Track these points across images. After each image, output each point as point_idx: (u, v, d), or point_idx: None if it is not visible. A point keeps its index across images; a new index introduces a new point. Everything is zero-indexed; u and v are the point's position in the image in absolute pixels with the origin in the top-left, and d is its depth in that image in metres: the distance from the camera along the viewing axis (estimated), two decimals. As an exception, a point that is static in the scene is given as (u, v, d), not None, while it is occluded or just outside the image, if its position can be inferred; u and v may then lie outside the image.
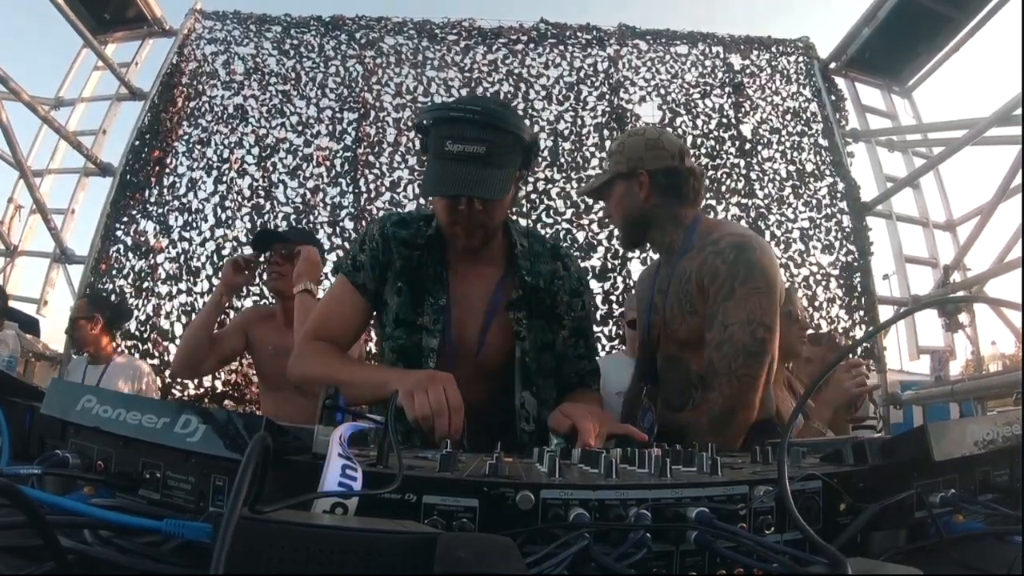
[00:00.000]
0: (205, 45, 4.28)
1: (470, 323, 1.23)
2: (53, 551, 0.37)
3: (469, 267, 1.25)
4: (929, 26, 3.92)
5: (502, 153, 1.08)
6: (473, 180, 1.06)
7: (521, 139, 1.11)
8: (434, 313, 1.20)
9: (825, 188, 4.11)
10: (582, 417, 0.98)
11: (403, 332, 1.21)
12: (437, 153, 1.08)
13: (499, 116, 1.08)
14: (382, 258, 1.23)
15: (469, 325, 1.23)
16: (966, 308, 3.61)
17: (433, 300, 1.21)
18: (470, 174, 1.05)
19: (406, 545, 0.36)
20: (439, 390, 0.95)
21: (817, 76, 4.39)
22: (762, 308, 1.23)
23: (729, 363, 1.22)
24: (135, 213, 3.79)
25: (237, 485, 0.33)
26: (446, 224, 1.17)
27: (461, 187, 1.07)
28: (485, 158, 1.05)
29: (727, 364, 1.22)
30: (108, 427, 0.55)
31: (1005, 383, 3.06)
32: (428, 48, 4.27)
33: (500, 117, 1.08)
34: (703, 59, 4.38)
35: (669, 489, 0.50)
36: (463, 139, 1.05)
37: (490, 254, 1.26)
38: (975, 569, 0.51)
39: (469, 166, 1.05)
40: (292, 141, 3.98)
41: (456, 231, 1.17)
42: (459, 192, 1.09)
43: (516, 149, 1.11)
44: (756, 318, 1.22)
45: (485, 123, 1.06)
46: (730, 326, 1.23)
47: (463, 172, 1.05)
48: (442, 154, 1.07)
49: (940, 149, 3.87)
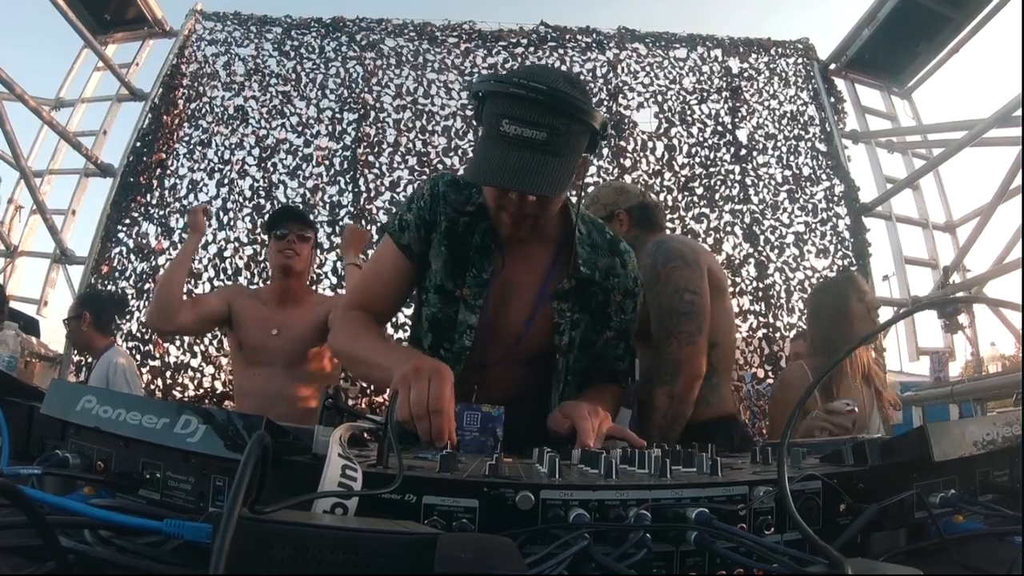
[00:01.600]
0: (206, 46, 4.29)
1: (514, 306, 1.13)
2: (53, 551, 0.37)
3: (520, 244, 1.12)
4: (929, 27, 3.92)
5: (566, 141, 0.94)
6: (529, 171, 0.92)
7: (590, 125, 0.96)
8: (476, 287, 1.10)
9: (821, 192, 4.11)
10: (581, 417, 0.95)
11: (439, 300, 1.11)
12: (491, 132, 0.94)
13: (567, 99, 0.93)
14: (428, 217, 1.12)
15: (512, 309, 1.13)
16: (966, 309, 3.61)
17: (476, 272, 1.10)
18: (526, 163, 0.91)
19: (406, 545, 0.36)
20: (421, 388, 0.83)
21: (817, 77, 4.40)
22: (685, 277, 1.43)
23: (666, 327, 1.41)
24: (136, 215, 3.80)
25: (236, 485, 0.33)
26: (492, 209, 1.07)
27: (513, 179, 0.93)
28: (545, 145, 0.92)
29: (665, 328, 1.42)
30: (108, 427, 0.55)
31: (1005, 384, 3.06)
32: (428, 50, 4.28)
33: (568, 100, 0.93)
34: (701, 63, 4.39)
35: (669, 489, 0.50)
36: (522, 121, 0.91)
37: (543, 235, 1.13)
38: (975, 569, 0.51)
39: (526, 153, 0.91)
40: (292, 141, 4.00)
41: (502, 218, 1.05)
42: (511, 186, 0.96)
43: (583, 135, 0.97)
44: (681, 286, 1.42)
45: (550, 106, 0.91)
46: (662, 301, 1.43)
47: (518, 160, 0.92)
48: (497, 135, 0.93)
49: (940, 150, 3.87)
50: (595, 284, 1.15)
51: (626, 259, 1.19)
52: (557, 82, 0.95)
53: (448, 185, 1.14)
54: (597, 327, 1.17)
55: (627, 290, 1.18)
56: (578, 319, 1.14)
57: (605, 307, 1.16)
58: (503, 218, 1.05)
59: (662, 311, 1.43)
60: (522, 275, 1.14)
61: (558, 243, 1.16)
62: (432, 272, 1.13)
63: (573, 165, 0.99)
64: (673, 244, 1.52)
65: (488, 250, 1.11)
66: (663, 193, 4.03)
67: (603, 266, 1.16)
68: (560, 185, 0.96)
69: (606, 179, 3.95)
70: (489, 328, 1.12)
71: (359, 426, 0.65)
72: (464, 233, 1.11)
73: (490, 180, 0.98)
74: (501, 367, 1.12)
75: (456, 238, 1.11)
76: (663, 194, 4.02)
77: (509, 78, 0.97)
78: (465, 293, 1.11)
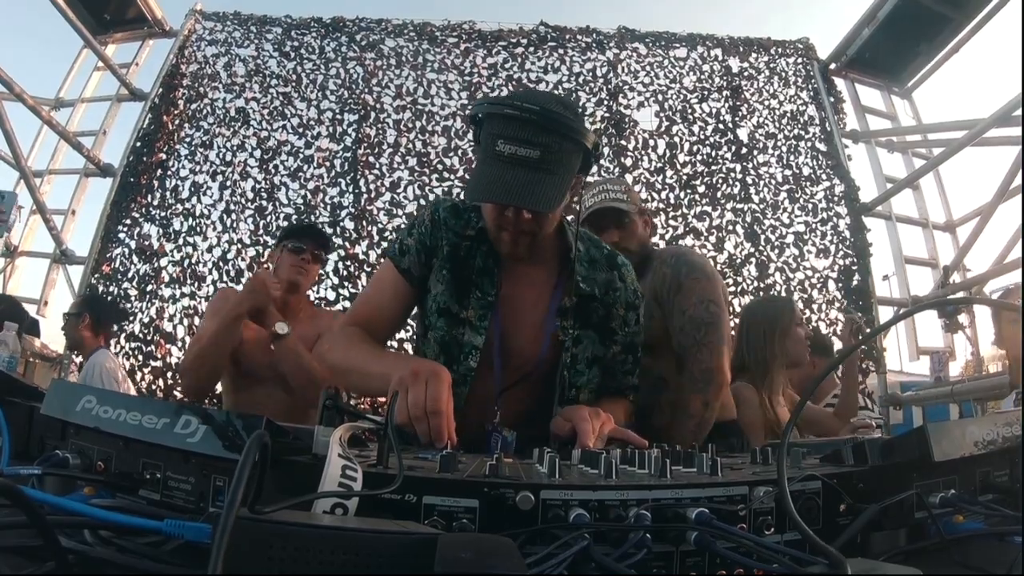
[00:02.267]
0: (206, 47, 4.30)
1: (521, 328, 1.15)
2: (53, 551, 0.37)
3: (520, 266, 1.16)
4: (929, 26, 3.92)
5: (559, 159, 0.98)
6: (523, 188, 0.96)
7: (582, 144, 1.00)
8: (481, 308, 1.13)
9: (822, 192, 4.11)
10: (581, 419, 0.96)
11: (445, 323, 1.13)
12: (488, 152, 0.98)
13: (559, 119, 0.97)
14: (429, 243, 1.16)
15: (519, 330, 1.15)
16: (966, 309, 3.61)
17: (481, 295, 1.13)
18: (521, 180, 0.95)
19: (406, 545, 0.36)
20: (419, 391, 0.86)
21: (817, 77, 4.40)
22: (707, 290, 1.51)
23: (694, 336, 1.48)
24: (137, 216, 3.80)
25: (234, 484, 0.33)
26: (491, 229, 1.10)
27: (509, 195, 0.97)
28: (539, 163, 0.96)
29: (692, 338, 1.48)
30: (108, 427, 0.55)
31: (1005, 384, 3.06)
32: (428, 51, 4.28)
33: (560, 120, 0.97)
34: (701, 63, 4.39)
35: (669, 490, 0.50)
36: (516, 140, 0.96)
37: (543, 255, 1.17)
38: (975, 569, 0.51)
39: (520, 171, 0.96)
40: (293, 143, 4.00)
41: (502, 237, 1.09)
42: (506, 201, 1.00)
43: (575, 154, 1.01)
44: (705, 297, 1.50)
45: (542, 126, 0.96)
46: (686, 310, 1.50)
47: (513, 178, 0.96)
48: (493, 155, 0.97)
49: (940, 150, 3.87)
50: (596, 300, 1.17)
51: (624, 272, 1.22)
52: (549, 103, 1.00)
53: (448, 211, 1.17)
54: (604, 342, 1.18)
55: (629, 303, 1.21)
56: (580, 335, 1.16)
57: (608, 321, 1.18)
58: (503, 237, 1.09)
59: (688, 321, 1.50)
60: (526, 296, 1.16)
61: (557, 262, 1.19)
62: (435, 296, 1.16)
63: (567, 183, 1.02)
64: (694, 257, 1.64)
65: (491, 272, 1.14)
66: (665, 191, 4.03)
67: (602, 281, 1.19)
68: (554, 201, 0.99)
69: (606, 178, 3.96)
70: (498, 350, 1.13)
71: (359, 426, 0.65)
72: (466, 257, 1.15)
73: (488, 197, 1.02)
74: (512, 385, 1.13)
75: (458, 262, 1.14)
76: (665, 192, 4.03)
77: (504, 100, 1.03)
78: (470, 315, 1.13)
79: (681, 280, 1.53)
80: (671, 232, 3.95)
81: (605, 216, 1.61)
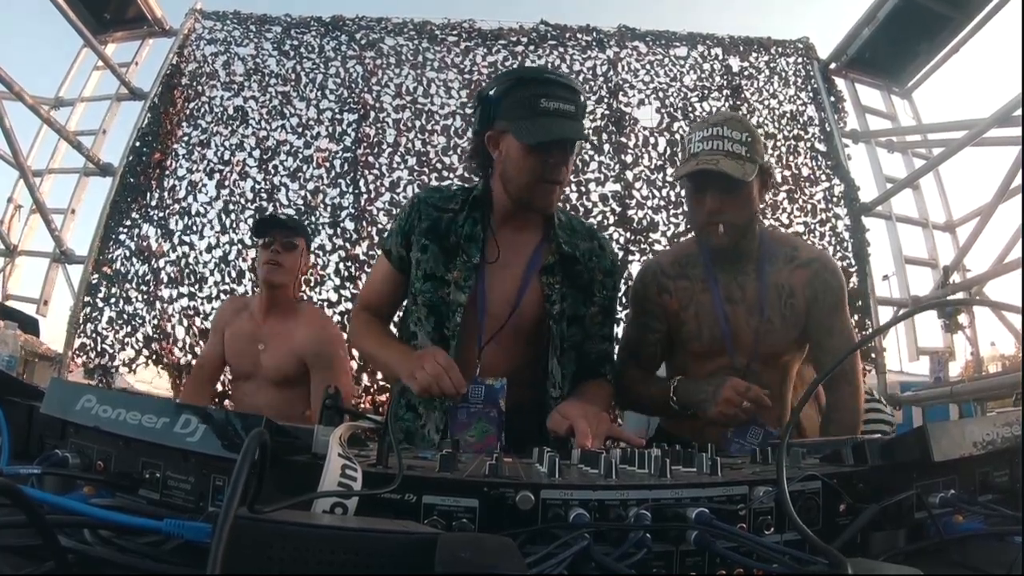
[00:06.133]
0: (205, 45, 4.28)
1: (505, 284, 1.27)
2: (53, 551, 0.37)
3: (509, 232, 1.29)
4: (929, 26, 3.92)
5: (583, 116, 1.21)
6: (574, 132, 1.18)
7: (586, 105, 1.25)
8: (466, 270, 1.25)
9: (821, 192, 4.10)
10: (580, 418, 0.98)
11: (431, 287, 1.26)
12: (531, 109, 1.15)
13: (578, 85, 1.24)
14: (405, 226, 1.30)
15: (504, 286, 1.27)
16: (965, 309, 3.61)
17: (467, 258, 1.25)
18: (567, 127, 1.16)
19: (406, 545, 0.36)
20: (432, 361, 1.06)
21: (817, 77, 4.38)
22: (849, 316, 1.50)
23: (852, 362, 1.49)
24: (136, 217, 3.80)
25: (233, 483, 0.33)
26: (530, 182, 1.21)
27: (569, 133, 1.17)
28: (575, 115, 1.18)
29: (851, 363, 1.47)
30: (108, 427, 0.55)
31: (1004, 384, 3.06)
32: (428, 49, 4.27)
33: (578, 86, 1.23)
34: (702, 61, 4.38)
35: (669, 489, 0.50)
36: (558, 97, 1.16)
37: (531, 222, 1.31)
38: (975, 569, 0.51)
39: (565, 121, 1.16)
40: (292, 143, 3.98)
41: (542, 188, 1.21)
42: (571, 136, 1.18)
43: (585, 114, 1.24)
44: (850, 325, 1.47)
45: (572, 87, 1.20)
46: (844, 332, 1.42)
47: (563, 124, 1.16)
48: (538, 110, 1.15)
49: (940, 150, 3.86)
50: (578, 263, 1.30)
51: (603, 243, 1.39)
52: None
53: (428, 192, 1.35)
54: (585, 301, 1.31)
55: (607, 269, 1.35)
56: (566, 292, 1.28)
57: (590, 285, 1.31)
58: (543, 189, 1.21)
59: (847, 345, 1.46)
60: (509, 257, 1.28)
61: (543, 228, 1.32)
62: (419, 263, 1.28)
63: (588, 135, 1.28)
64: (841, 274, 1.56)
65: (476, 239, 1.27)
66: (666, 188, 4.02)
67: (584, 248, 1.32)
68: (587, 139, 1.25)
69: (607, 175, 3.95)
70: (482, 306, 1.25)
71: (359, 426, 0.65)
72: (449, 227, 1.28)
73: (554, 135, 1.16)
74: (498, 342, 1.24)
75: (440, 232, 1.28)
76: (666, 189, 4.01)
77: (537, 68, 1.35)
78: (456, 276, 1.25)
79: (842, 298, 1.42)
80: (672, 230, 3.94)
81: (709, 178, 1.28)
